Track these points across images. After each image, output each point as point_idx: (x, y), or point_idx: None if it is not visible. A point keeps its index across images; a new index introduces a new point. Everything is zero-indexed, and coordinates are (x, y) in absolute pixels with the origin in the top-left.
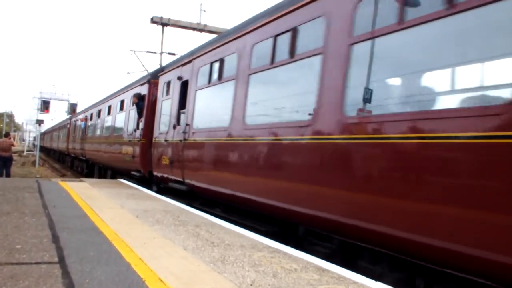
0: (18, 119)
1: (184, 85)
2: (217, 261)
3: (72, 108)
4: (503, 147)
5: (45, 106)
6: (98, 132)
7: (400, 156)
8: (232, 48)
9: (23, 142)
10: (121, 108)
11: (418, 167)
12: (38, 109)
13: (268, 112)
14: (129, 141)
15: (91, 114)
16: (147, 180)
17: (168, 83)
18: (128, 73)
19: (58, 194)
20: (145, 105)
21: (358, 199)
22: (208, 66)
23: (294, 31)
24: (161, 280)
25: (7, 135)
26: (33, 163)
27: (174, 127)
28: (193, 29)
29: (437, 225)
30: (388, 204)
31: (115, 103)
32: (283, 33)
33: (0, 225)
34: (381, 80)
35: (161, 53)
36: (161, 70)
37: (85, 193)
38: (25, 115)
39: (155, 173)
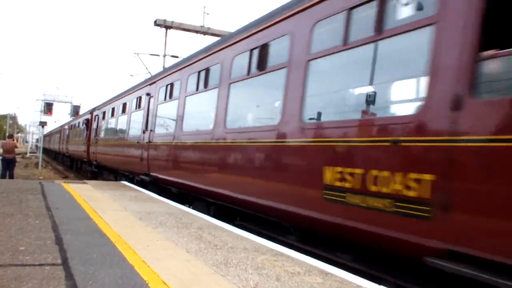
0: (21, 121)
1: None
2: (220, 264)
3: (75, 110)
4: (381, 148)
5: (48, 108)
6: (73, 137)
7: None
8: (178, 76)
9: (26, 144)
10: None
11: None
12: (41, 111)
13: (196, 122)
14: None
15: (70, 126)
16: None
17: (140, 98)
18: (131, 75)
19: (61, 196)
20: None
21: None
22: (164, 87)
23: (261, 48)
24: (164, 283)
25: (10, 137)
26: (36, 164)
27: (144, 132)
28: (197, 32)
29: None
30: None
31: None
32: (213, 65)
33: (4, 227)
34: (323, 93)
35: (164, 55)
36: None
37: (88, 195)
38: (28, 117)
39: None
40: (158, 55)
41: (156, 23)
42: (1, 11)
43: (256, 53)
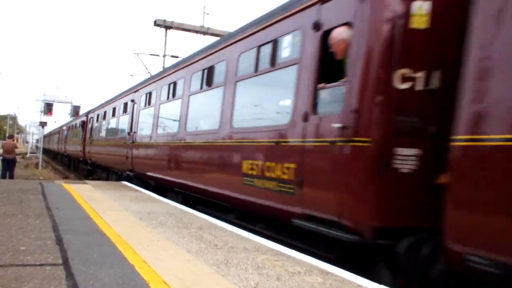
0: (21, 121)
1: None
2: (221, 264)
3: (75, 110)
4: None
5: (48, 108)
6: (70, 137)
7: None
8: (153, 87)
9: (26, 144)
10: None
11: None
12: (41, 112)
13: (166, 126)
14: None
15: (68, 127)
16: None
17: (126, 103)
18: (131, 75)
19: (62, 196)
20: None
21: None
22: (144, 95)
23: (210, 69)
24: (165, 283)
25: (10, 137)
26: (36, 165)
27: (129, 134)
28: (196, 32)
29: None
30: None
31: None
32: (176, 81)
33: (4, 227)
34: (242, 107)
35: (164, 55)
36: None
37: (88, 195)
38: (29, 117)
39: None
40: (158, 55)
41: (156, 23)
42: (1, 11)
43: (206, 72)
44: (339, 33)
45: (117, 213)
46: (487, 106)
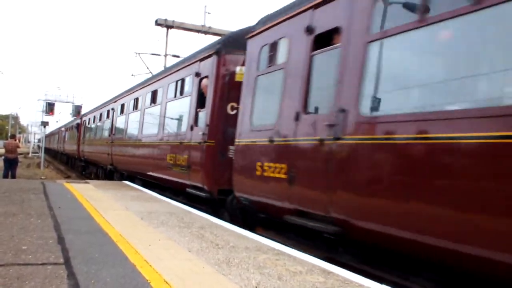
0: (23, 121)
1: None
2: (222, 263)
3: (77, 110)
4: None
5: (50, 108)
6: (68, 138)
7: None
8: (138, 93)
9: (28, 144)
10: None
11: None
12: (43, 111)
13: (130, 129)
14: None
15: (66, 128)
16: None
17: (109, 111)
18: (132, 75)
19: (63, 196)
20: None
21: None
22: (119, 105)
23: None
24: (166, 282)
25: (12, 137)
26: (38, 164)
27: (109, 135)
28: (198, 31)
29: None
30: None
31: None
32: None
33: (6, 226)
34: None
35: (166, 55)
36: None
37: (90, 194)
38: (30, 117)
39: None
40: (159, 55)
41: (157, 23)
42: (3, 11)
43: (150, 95)
44: (204, 82)
45: (119, 212)
46: (241, 128)
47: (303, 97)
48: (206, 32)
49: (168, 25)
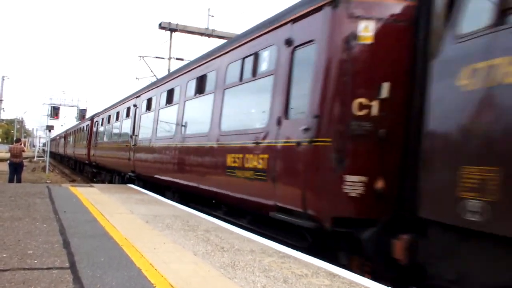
0: (28, 125)
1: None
2: (227, 266)
3: (82, 114)
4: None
5: (55, 112)
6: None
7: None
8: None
9: (33, 148)
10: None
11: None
12: (48, 115)
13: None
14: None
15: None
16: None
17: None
18: (136, 78)
19: (68, 200)
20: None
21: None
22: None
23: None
24: (172, 286)
25: (18, 141)
26: (44, 168)
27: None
28: (201, 34)
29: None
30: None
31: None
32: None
33: (12, 231)
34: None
35: (169, 58)
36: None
37: (95, 198)
38: (36, 121)
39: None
40: (163, 58)
41: (161, 26)
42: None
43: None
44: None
45: (124, 216)
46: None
47: None
48: (209, 35)
49: (172, 28)
